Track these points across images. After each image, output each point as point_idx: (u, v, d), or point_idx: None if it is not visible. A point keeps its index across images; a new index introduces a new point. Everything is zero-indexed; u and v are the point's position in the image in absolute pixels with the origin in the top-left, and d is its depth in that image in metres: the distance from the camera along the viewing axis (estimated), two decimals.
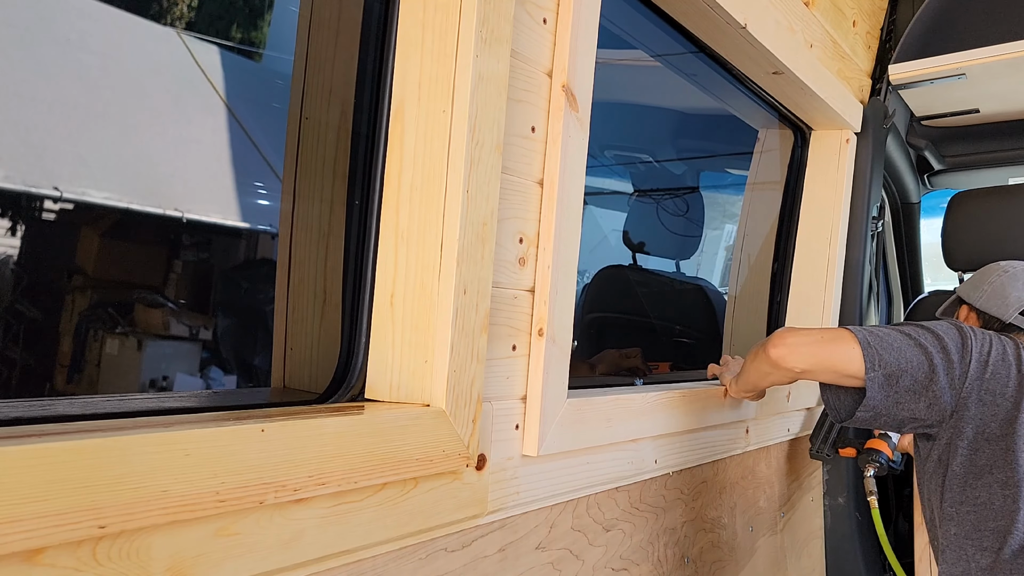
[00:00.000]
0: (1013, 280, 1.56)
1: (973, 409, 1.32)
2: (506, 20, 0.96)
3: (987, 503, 1.30)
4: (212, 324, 5.12)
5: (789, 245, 2.18)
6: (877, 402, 1.31)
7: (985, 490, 1.31)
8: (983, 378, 1.32)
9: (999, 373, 1.32)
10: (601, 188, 3.98)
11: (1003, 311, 1.53)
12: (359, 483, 0.81)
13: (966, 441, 1.33)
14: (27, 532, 0.55)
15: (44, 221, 4.91)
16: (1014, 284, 1.55)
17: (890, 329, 1.37)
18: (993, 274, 1.60)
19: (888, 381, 1.30)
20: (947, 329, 1.36)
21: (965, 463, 1.33)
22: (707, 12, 1.42)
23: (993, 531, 1.28)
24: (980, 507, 1.31)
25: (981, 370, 1.32)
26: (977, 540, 1.30)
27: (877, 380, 1.30)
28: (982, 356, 1.33)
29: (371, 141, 1.00)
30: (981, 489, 1.31)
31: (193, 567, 0.67)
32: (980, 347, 1.34)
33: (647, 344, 2.84)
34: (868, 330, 1.35)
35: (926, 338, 1.34)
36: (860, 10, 2.15)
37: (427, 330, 0.92)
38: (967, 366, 1.32)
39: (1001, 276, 1.58)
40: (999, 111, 2.31)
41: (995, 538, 1.28)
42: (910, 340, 1.33)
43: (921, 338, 1.34)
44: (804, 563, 2.14)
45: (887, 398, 1.31)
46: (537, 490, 1.12)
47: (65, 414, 0.75)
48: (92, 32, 4.95)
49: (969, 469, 1.33)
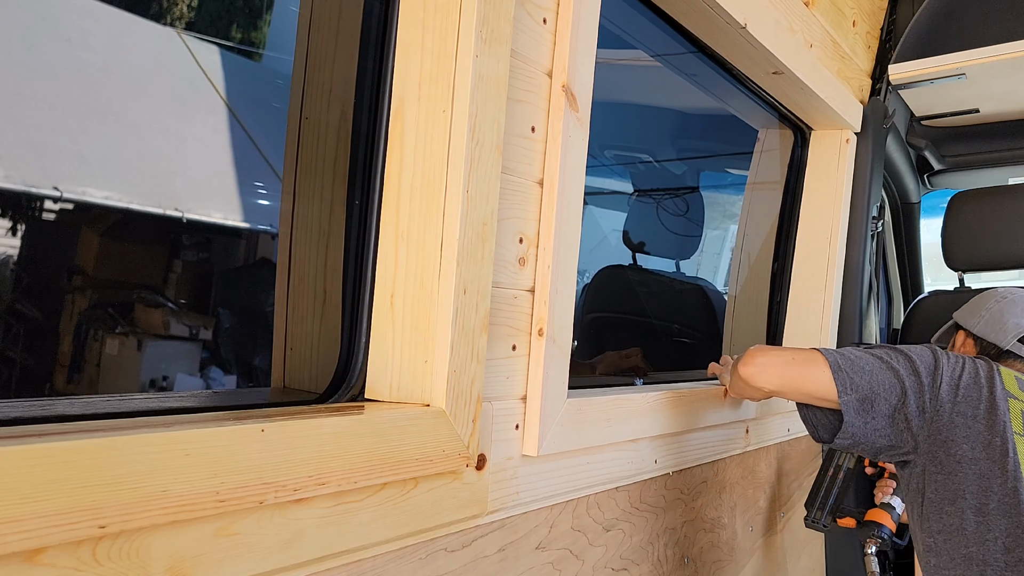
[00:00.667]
0: (1011, 307, 1.54)
1: (945, 433, 1.29)
2: (506, 20, 0.96)
3: (959, 528, 1.26)
4: (212, 324, 5.12)
5: (789, 245, 2.18)
6: (856, 428, 1.29)
7: (958, 516, 1.27)
8: (954, 401, 1.29)
9: (970, 396, 1.29)
10: (601, 188, 3.98)
11: (1000, 337, 1.50)
12: (359, 483, 0.81)
13: (939, 466, 1.29)
14: (27, 532, 0.55)
15: (44, 221, 4.91)
16: (1012, 311, 1.53)
17: (863, 352, 1.35)
18: (991, 300, 1.58)
19: (863, 405, 1.28)
20: (921, 352, 1.35)
21: (940, 488, 1.29)
22: (707, 12, 1.42)
23: (966, 558, 1.25)
24: (953, 533, 1.27)
25: (952, 393, 1.29)
26: (953, 570, 1.26)
27: (852, 404, 1.28)
28: (953, 379, 1.31)
29: (371, 141, 1.00)
30: (954, 515, 1.27)
31: (193, 567, 0.67)
32: (952, 370, 1.32)
33: (647, 344, 2.84)
34: (840, 353, 1.33)
35: (898, 361, 1.32)
36: (860, 10, 2.15)
37: (427, 330, 0.92)
38: (938, 389, 1.30)
39: (1000, 303, 1.56)
40: (999, 111, 2.31)
41: (969, 566, 1.24)
42: (882, 363, 1.32)
43: (893, 361, 1.32)
44: (804, 563, 2.14)
45: (865, 424, 1.29)
46: (537, 490, 1.12)
47: (65, 414, 0.75)
48: (93, 31, 4.95)
49: (943, 495, 1.29)
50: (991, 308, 1.56)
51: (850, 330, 2.12)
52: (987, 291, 1.64)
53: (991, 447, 1.26)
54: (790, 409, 1.97)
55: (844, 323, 2.14)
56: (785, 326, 2.15)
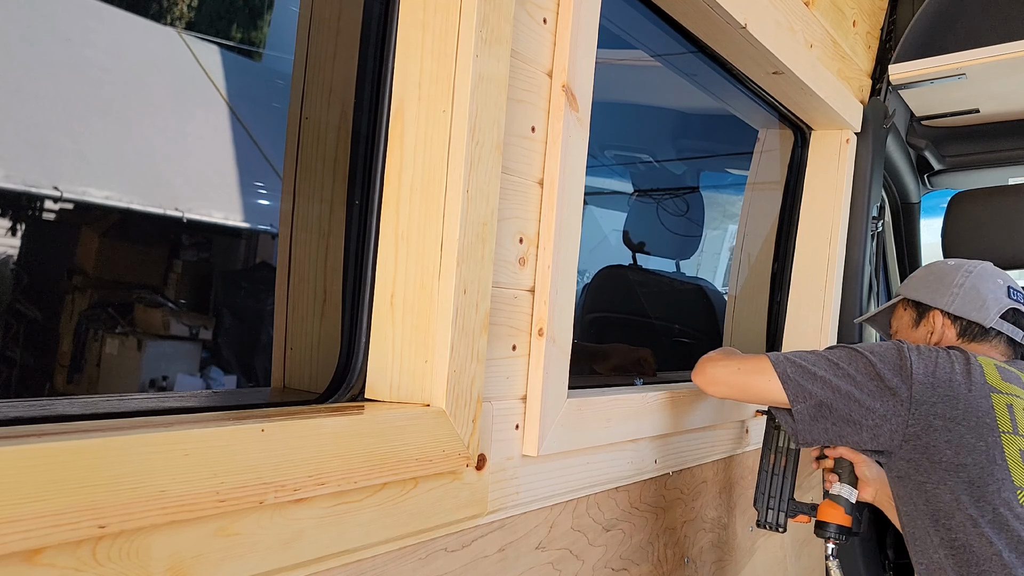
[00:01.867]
0: (983, 279, 1.41)
1: (924, 438, 1.19)
2: (506, 20, 0.96)
3: (965, 545, 1.17)
4: (212, 324, 5.12)
5: (789, 245, 2.18)
6: (816, 436, 1.24)
7: (961, 531, 1.17)
8: (931, 402, 1.20)
9: (948, 395, 1.19)
10: (601, 188, 3.98)
11: (983, 315, 1.38)
12: (359, 483, 0.81)
13: (926, 475, 1.20)
14: (27, 532, 0.55)
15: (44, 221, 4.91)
16: (985, 284, 1.40)
17: (817, 356, 1.29)
18: (958, 274, 1.44)
19: (819, 412, 1.23)
20: (884, 352, 1.26)
21: (933, 500, 1.20)
22: (707, 12, 1.42)
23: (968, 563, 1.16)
24: (959, 551, 1.17)
25: (926, 393, 1.20)
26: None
27: (807, 413, 1.24)
28: (926, 377, 1.21)
29: (371, 141, 1.00)
30: (957, 531, 1.17)
31: (193, 567, 0.67)
32: (924, 367, 1.22)
33: (647, 344, 2.84)
34: (790, 360, 1.28)
35: (856, 364, 1.25)
36: (860, 10, 2.15)
37: (427, 330, 0.92)
38: (909, 390, 1.20)
39: (969, 276, 1.42)
40: (999, 111, 2.31)
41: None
42: (837, 369, 1.25)
43: (850, 366, 1.25)
44: (804, 563, 2.14)
45: (826, 431, 1.24)
46: (537, 490, 1.12)
47: (64, 414, 0.75)
48: (93, 31, 4.95)
49: (939, 507, 1.20)
50: (962, 283, 1.42)
51: (850, 330, 2.12)
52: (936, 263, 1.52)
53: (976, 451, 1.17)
54: None
55: (844, 323, 2.14)
56: (785, 326, 2.15)
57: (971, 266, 1.46)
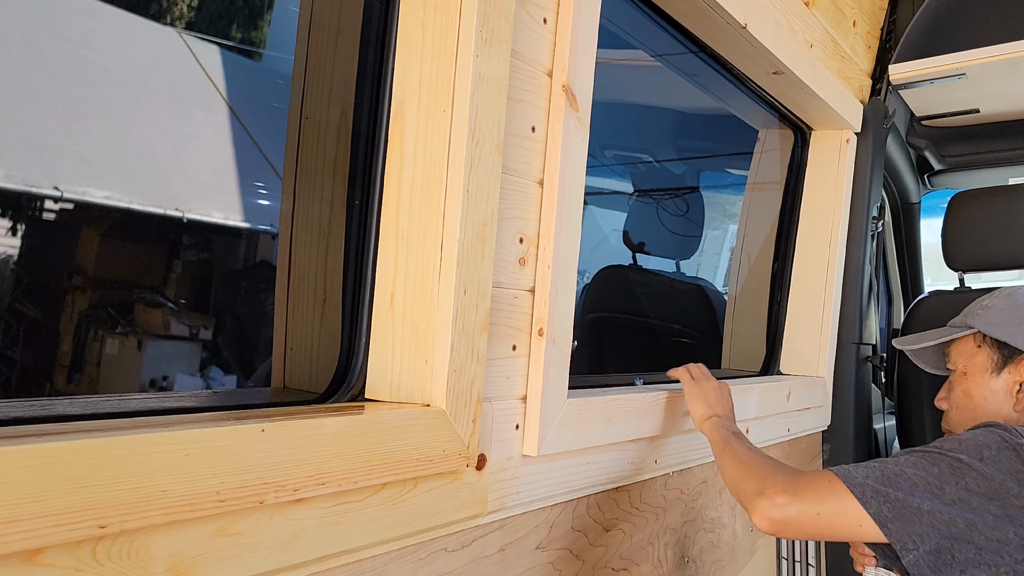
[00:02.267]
0: None
1: None
2: (506, 20, 0.96)
3: None
4: (212, 324, 5.13)
5: (789, 245, 2.18)
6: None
7: None
8: None
9: None
10: (601, 188, 3.99)
11: None
12: (359, 483, 0.81)
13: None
14: (27, 532, 0.55)
15: (44, 221, 4.91)
16: None
17: (908, 478, 1.03)
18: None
19: (939, 560, 0.99)
20: (995, 457, 1.01)
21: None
22: (707, 12, 1.42)
23: None
24: None
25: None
26: None
27: (922, 563, 0.99)
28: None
29: (371, 141, 1.00)
30: None
31: (193, 567, 0.67)
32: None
33: (647, 344, 2.84)
34: (878, 491, 1.02)
35: (965, 482, 1.00)
36: (860, 10, 2.15)
37: (427, 330, 0.92)
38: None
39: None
40: (999, 111, 2.31)
41: None
42: (942, 494, 1.00)
43: (958, 486, 1.00)
44: None
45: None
46: (537, 490, 1.12)
47: (64, 414, 0.75)
48: (94, 31, 4.95)
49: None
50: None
51: (850, 330, 2.12)
52: (1005, 290, 1.32)
53: None
54: (790, 409, 1.97)
55: (844, 323, 2.14)
56: (785, 326, 2.15)
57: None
